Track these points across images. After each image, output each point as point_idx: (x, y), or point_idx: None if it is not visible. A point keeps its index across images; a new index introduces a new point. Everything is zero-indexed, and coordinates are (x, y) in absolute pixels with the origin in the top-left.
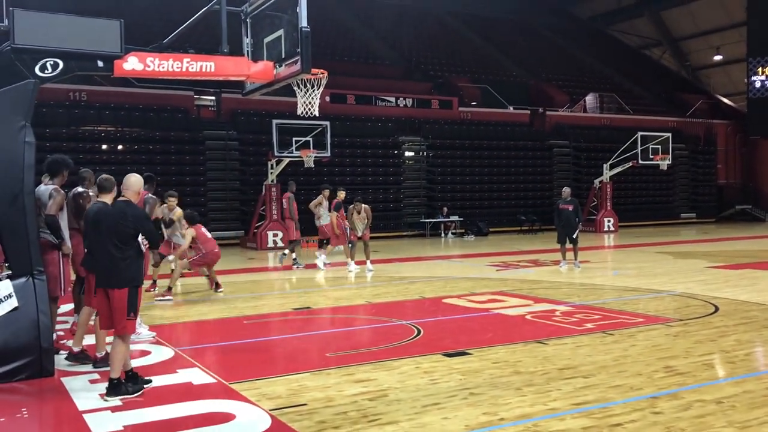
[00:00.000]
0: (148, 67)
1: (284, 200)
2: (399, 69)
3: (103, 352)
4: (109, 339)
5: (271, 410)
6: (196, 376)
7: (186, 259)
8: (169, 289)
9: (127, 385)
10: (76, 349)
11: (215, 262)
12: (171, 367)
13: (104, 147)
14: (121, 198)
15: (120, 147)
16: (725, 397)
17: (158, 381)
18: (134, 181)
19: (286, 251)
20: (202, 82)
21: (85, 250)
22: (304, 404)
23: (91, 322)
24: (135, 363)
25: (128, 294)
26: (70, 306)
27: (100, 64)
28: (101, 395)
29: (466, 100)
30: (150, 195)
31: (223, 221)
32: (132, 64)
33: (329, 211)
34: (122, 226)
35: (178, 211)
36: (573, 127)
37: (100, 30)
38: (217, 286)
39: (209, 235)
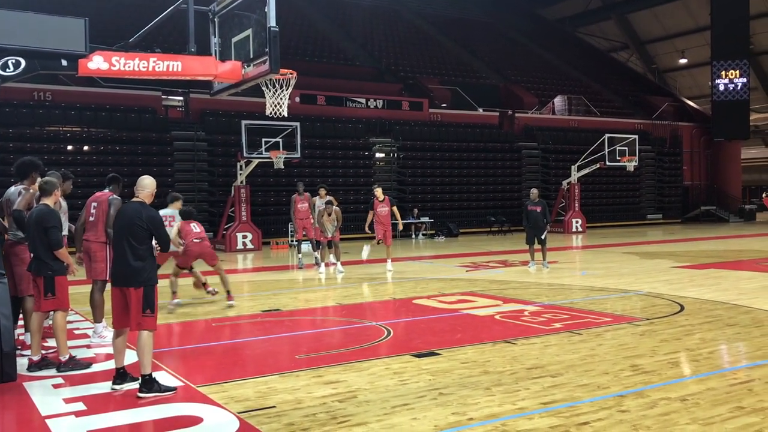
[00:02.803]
0: (114, 66)
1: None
2: (369, 70)
3: (67, 356)
4: (78, 341)
5: (239, 413)
6: (163, 379)
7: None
8: (173, 293)
9: (159, 382)
10: (35, 358)
11: (195, 258)
12: (137, 370)
13: (70, 148)
14: (135, 199)
15: (86, 148)
16: (689, 395)
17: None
18: (148, 183)
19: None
20: (170, 82)
21: (31, 255)
22: (273, 407)
23: (49, 322)
24: (100, 366)
25: (144, 293)
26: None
27: (65, 63)
28: (138, 391)
29: (437, 102)
30: (114, 196)
31: None
32: (97, 63)
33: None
34: (137, 227)
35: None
36: (541, 129)
37: (64, 28)
38: (205, 286)
39: (197, 230)
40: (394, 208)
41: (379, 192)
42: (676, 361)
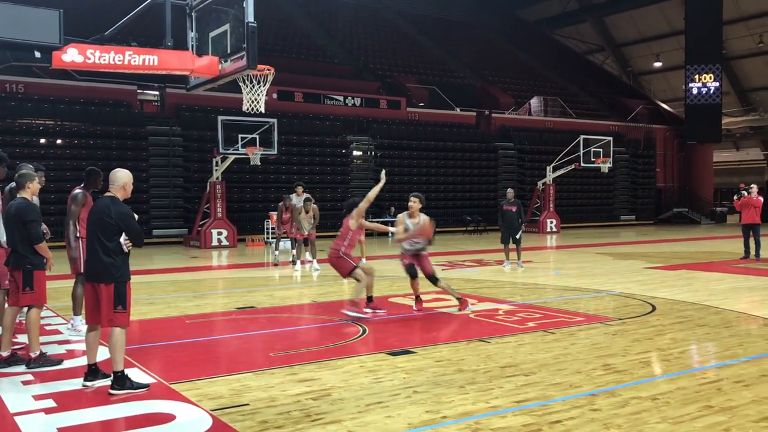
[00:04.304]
0: (89, 59)
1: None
2: (348, 68)
3: (38, 352)
4: (50, 337)
5: (212, 410)
6: (136, 376)
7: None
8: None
9: (132, 379)
10: (4, 354)
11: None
12: (109, 367)
13: (42, 141)
14: (107, 194)
15: (59, 141)
16: (660, 394)
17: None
18: (120, 176)
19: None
20: (146, 77)
21: (9, 249)
22: (247, 404)
23: (22, 319)
24: (72, 363)
25: (115, 289)
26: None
27: (38, 54)
28: (109, 388)
29: (414, 101)
30: (78, 191)
31: (166, 219)
32: (71, 55)
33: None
34: (106, 223)
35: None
36: (518, 130)
37: (38, 20)
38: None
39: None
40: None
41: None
42: (648, 361)
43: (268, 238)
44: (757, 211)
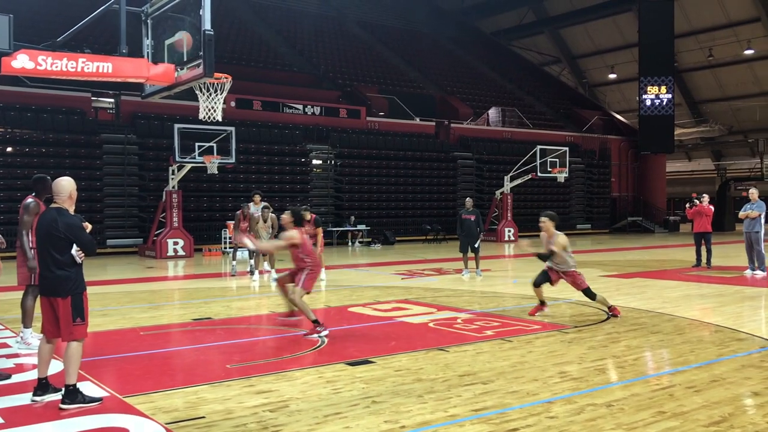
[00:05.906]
0: (40, 65)
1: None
2: (307, 76)
3: None
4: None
5: (167, 424)
6: (88, 389)
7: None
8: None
9: (83, 393)
10: None
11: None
12: (61, 380)
13: None
14: (53, 205)
15: (9, 149)
16: (615, 401)
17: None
18: (64, 185)
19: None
20: (100, 84)
21: None
22: (202, 417)
23: None
24: (21, 377)
25: (72, 302)
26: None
27: None
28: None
29: (374, 110)
30: (29, 200)
31: (121, 228)
32: (22, 62)
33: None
34: (55, 237)
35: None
36: (476, 140)
37: None
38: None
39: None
40: (319, 229)
41: (307, 215)
42: (603, 368)
43: (225, 247)
44: (709, 220)
